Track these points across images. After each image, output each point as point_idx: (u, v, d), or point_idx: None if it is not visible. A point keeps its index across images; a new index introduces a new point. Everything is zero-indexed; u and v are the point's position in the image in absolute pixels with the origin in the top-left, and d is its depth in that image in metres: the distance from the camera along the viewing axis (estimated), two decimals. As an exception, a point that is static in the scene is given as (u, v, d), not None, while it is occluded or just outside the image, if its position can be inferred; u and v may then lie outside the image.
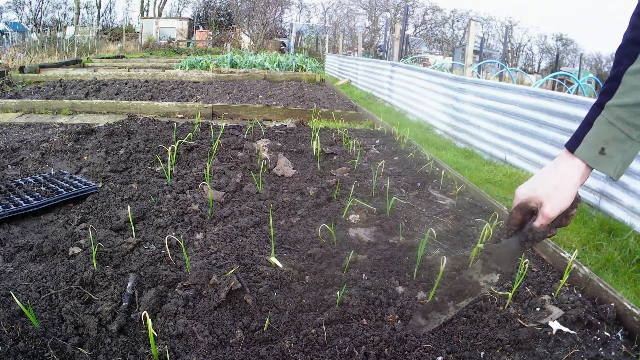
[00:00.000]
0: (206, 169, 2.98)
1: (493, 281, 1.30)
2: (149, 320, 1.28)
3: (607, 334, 1.57)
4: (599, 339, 1.54)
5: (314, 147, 3.80)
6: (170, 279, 1.76)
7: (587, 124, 1.01)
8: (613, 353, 1.47)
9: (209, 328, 1.49)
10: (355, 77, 11.84)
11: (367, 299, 1.67)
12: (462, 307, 1.44)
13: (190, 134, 4.00)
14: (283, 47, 27.97)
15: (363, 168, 3.47)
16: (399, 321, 1.56)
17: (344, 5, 35.07)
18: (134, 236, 2.16)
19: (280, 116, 6.24)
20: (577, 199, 1.06)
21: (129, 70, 10.41)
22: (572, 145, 1.02)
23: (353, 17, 34.28)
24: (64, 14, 37.78)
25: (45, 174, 3.01)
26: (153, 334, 1.37)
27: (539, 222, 1.09)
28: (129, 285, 1.69)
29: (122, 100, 6.94)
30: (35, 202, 2.47)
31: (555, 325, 1.55)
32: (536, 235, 1.11)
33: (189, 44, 30.61)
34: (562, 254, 2.05)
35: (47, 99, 6.98)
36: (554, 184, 1.04)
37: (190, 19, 35.27)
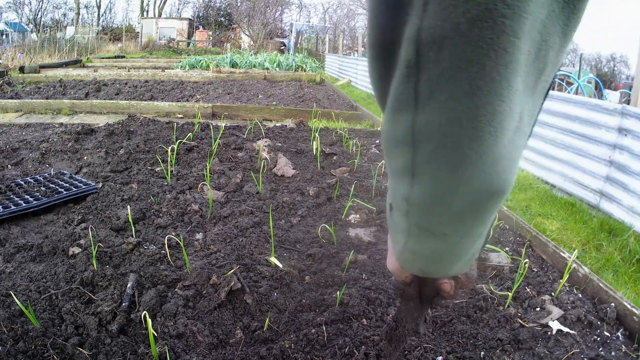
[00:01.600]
0: (206, 169, 2.98)
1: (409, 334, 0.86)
2: (149, 320, 1.28)
3: (607, 334, 1.57)
4: (599, 339, 1.54)
5: (314, 147, 3.80)
6: (170, 279, 1.76)
7: None
8: (613, 353, 1.47)
9: (209, 328, 1.49)
10: (355, 77, 11.84)
11: (367, 299, 1.67)
12: (400, 350, 0.93)
13: (190, 134, 3.99)
14: (283, 47, 27.95)
15: (363, 168, 3.47)
16: (399, 321, 1.57)
17: (344, 5, 35.12)
18: (134, 236, 2.16)
19: (280, 116, 6.24)
20: (459, 277, 0.60)
21: (129, 70, 10.41)
22: None
23: (353, 17, 34.27)
24: (64, 14, 37.77)
25: (45, 174, 3.02)
26: (153, 334, 1.37)
27: None
28: (129, 285, 1.69)
29: (122, 100, 6.93)
30: (35, 202, 2.47)
31: (555, 325, 1.56)
32: (396, 290, 0.69)
33: (189, 44, 30.61)
34: (562, 253, 2.05)
35: (47, 99, 6.97)
36: None
37: (190, 19, 35.25)
